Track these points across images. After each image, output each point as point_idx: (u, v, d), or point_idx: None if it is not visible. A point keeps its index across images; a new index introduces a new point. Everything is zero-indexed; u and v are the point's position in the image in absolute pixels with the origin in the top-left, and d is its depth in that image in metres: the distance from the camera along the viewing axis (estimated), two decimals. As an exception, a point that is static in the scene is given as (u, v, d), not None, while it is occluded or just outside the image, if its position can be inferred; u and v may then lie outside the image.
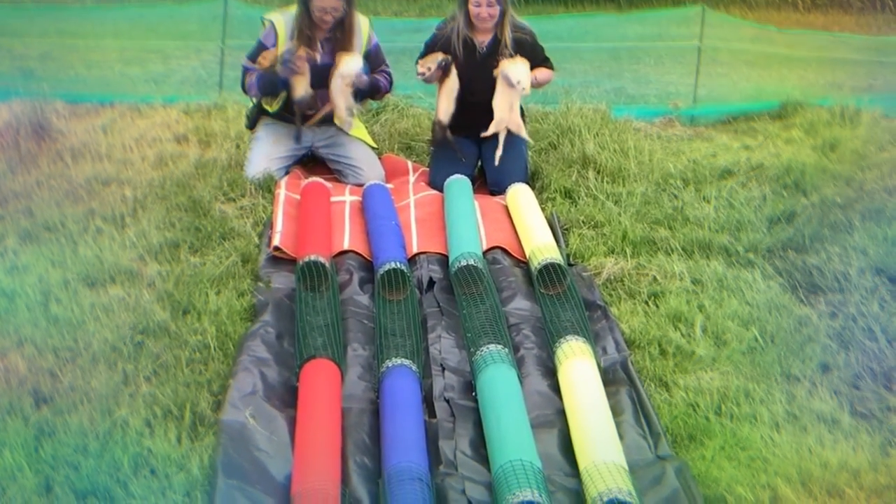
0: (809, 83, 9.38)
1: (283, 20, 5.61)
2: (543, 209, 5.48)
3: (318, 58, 5.65)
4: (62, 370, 3.74)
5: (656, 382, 3.93)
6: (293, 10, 5.58)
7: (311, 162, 6.11)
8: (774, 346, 4.13)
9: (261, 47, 5.66)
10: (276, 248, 4.85)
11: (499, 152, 5.73)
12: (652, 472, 3.39)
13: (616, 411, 3.70)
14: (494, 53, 5.76)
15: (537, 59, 5.87)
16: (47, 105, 6.77)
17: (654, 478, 3.36)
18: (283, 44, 5.58)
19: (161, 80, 8.97)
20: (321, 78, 5.64)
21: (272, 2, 12.33)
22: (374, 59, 5.85)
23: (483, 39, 5.80)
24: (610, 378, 3.94)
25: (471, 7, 5.65)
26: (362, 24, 5.71)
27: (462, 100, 5.77)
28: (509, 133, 5.76)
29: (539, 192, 5.84)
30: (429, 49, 5.89)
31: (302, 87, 5.59)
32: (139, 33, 10.31)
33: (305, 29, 5.55)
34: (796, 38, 11.74)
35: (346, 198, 5.63)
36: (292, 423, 3.56)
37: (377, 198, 5.43)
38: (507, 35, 5.75)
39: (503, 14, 5.73)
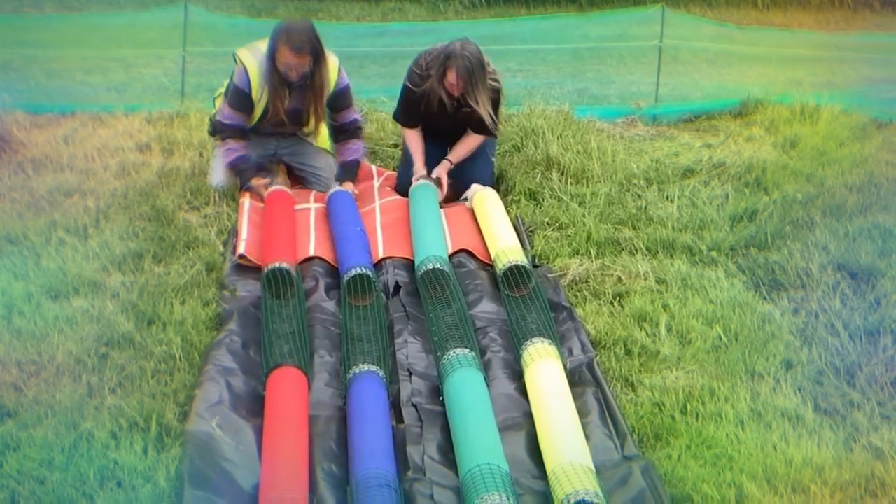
0: (770, 80, 9.44)
1: (255, 63, 5.50)
2: (508, 211, 5.50)
3: (286, 104, 5.64)
4: (26, 384, 3.71)
5: (622, 382, 3.95)
6: (264, 46, 5.51)
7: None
8: (738, 344, 4.17)
9: (238, 92, 5.57)
10: (242, 257, 4.84)
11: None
12: (619, 473, 3.41)
13: (582, 412, 3.72)
14: (461, 107, 5.72)
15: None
16: (7, 115, 6.71)
17: (621, 478, 3.38)
18: (257, 87, 5.52)
19: (123, 88, 8.90)
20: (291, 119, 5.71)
21: (233, 7, 12.33)
22: (340, 100, 5.79)
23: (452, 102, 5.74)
24: (576, 379, 3.96)
25: (446, 83, 5.56)
26: (331, 66, 5.64)
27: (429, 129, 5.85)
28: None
29: (504, 194, 5.86)
30: (406, 103, 5.87)
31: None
32: (100, 42, 10.23)
33: (275, 81, 5.50)
34: (756, 36, 11.83)
35: (311, 205, 5.63)
36: (259, 433, 3.55)
37: (342, 204, 5.43)
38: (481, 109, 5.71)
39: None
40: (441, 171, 5.81)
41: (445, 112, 5.69)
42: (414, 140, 5.91)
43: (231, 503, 3.22)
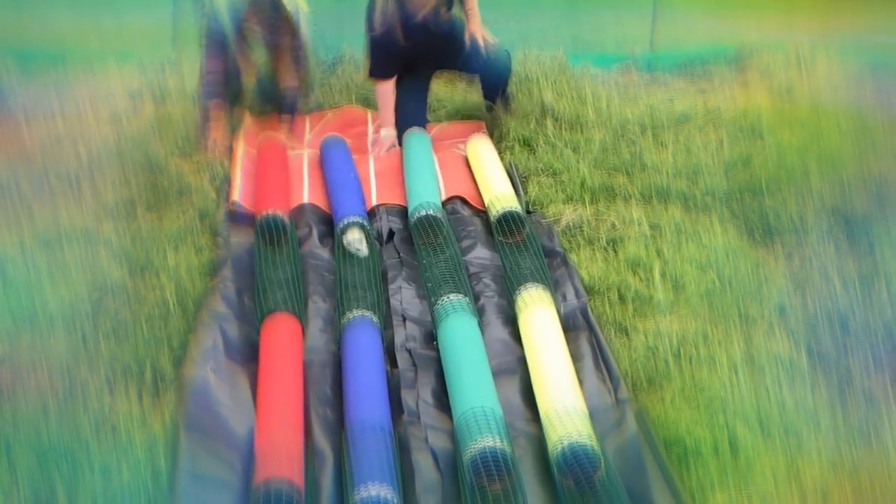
0: (765, 27, 9.35)
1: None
2: (502, 158, 5.46)
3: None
4: (19, 332, 3.71)
5: (616, 328, 3.95)
6: None
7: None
8: (732, 290, 4.16)
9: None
10: (235, 204, 4.82)
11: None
12: (612, 416, 3.43)
13: (576, 357, 3.73)
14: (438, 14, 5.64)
15: None
16: (-4, 65, 6.66)
17: (615, 422, 3.40)
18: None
19: (114, 35, 8.80)
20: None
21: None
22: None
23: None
24: (570, 324, 3.96)
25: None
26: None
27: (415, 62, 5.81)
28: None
29: (497, 141, 5.82)
30: (376, 53, 5.72)
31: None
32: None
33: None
34: (752, -20, 11.70)
35: (304, 151, 5.60)
36: (254, 378, 3.56)
37: (335, 150, 5.40)
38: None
39: None
40: (474, 25, 5.76)
41: (425, 31, 5.62)
42: (386, 94, 5.84)
43: (227, 447, 3.23)
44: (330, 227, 4.74)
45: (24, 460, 3.10)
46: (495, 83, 5.93)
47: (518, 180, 5.25)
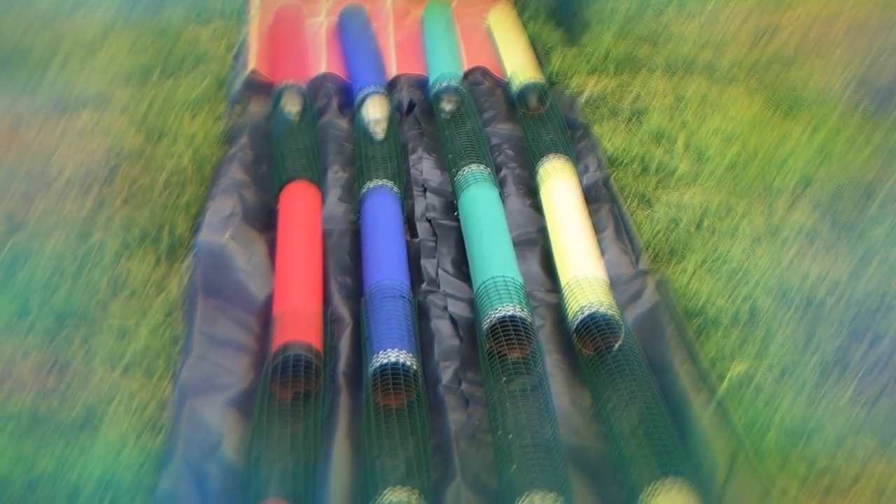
0: None
1: None
2: (525, 28, 5.35)
3: None
4: (36, 196, 3.69)
5: (638, 199, 3.91)
6: None
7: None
8: (756, 161, 4.10)
9: None
10: (253, 72, 4.74)
11: None
12: (633, 287, 3.40)
13: (598, 228, 3.70)
14: None
15: None
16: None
17: (635, 292, 3.37)
18: None
19: None
20: None
21: None
22: None
23: None
24: (592, 196, 3.91)
25: None
26: None
27: None
28: None
29: (520, 11, 5.70)
30: None
31: None
32: None
33: None
34: None
35: (323, 19, 5.49)
36: (272, 246, 3.54)
37: (354, 20, 5.29)
38: None
39: None
40: None
41: None
42: None
43: (244, 312, 3.23)
44: (349, 97, 4.66)
45: (43, 323, 3.11)
46: None
47: (541, 51, 5.14)
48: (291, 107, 4.31)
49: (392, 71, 4.92)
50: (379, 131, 4.24)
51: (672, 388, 2.97)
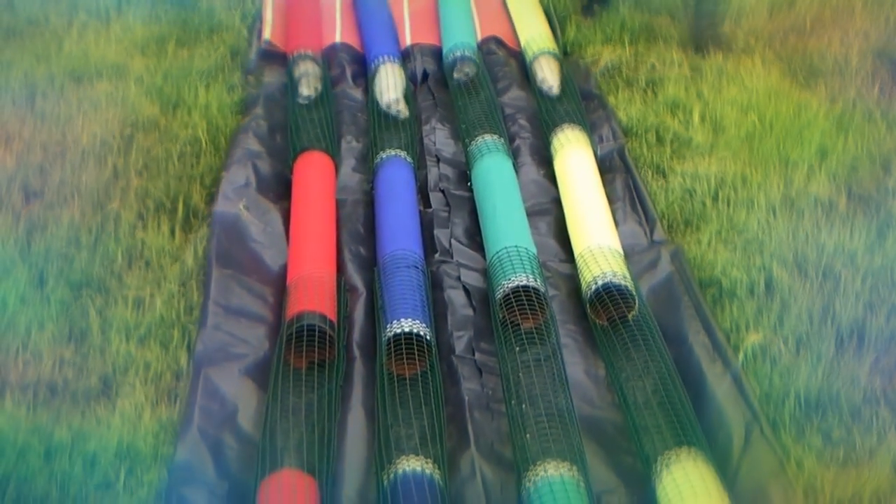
0: None
1: None
2: (540, -1, 5.32)
3: None
4: (52, 165, 3.70)
5: (653, 170, 3.89)
6: None
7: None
8: (773, 133, 4.06)
9: None
10: (267, 43, 4.73)
11: None
12: (647, 257, 3.40)
13: (612, 198, 3.69)
14: None
15: None
16: None
17: (650, 262, 3.37)
18: None
19: None
20: None
21: None
22: None
23: None
24: (606, 166, 3.90)
25: None
26: None
27: None
28: None
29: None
30: None
31: None
32: None
33: None
34: None
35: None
36: (286, 216, 3.55)
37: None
38: None
39: None
40: None
41: None
42: None
43: (258, 282, 3.24)
44: (363, 68, 4.65)
45: (59, 293, 3.12)
46: None
47: (556, 21, 5.11)
48: (307, 89, 4.28)
49: (406, 40, 4.90)
50: (402, 109, 4.21)
51: (687, 359, 2.97)
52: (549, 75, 4.42)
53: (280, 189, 3.70)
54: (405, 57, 4.73)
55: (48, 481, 2.55)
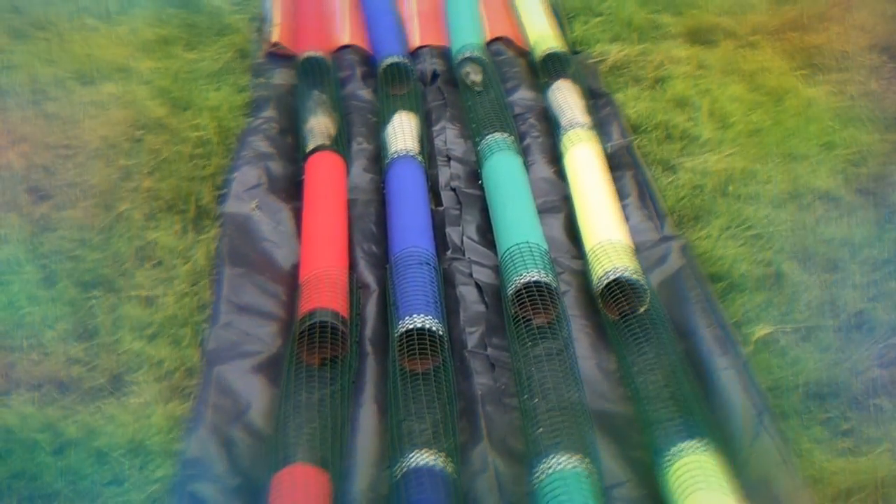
0: None
1: None
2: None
3: None
4: (60, 167, 3.72)
5: (662, 166, 3.91)
6: None
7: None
8: (778, 128, 4.09)
9: None
10: (276, 44, 4.74)
11: None
12: (657, 252, 3.41)
13: (621, 195, 3.70)
14: None
15: None
16: None
17: (660, 257, 3.38)
18: None
19: None
20: None
21: None
22: None
23: None
24: (615, 163, 3.91)
25: None
26: None
27: None
28: None
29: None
30: None
31: None
32: None
33: None
34: None
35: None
36: (297, 216, 3.56)
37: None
38: None
39: None
40: None
41: None
42: None
43: (270, 280, 3.26)
44: (372, 69, 4.66)
45: (69, 292, 3.14)
46: None
47: (563, 20, 5.12)
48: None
49: (415, 41, 4.91)
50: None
51: (697, 352, 2.99)
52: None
53: (291, 189, 3.72)
54: (414, 57, 4.74)
55: (58, 478, 2.58)
